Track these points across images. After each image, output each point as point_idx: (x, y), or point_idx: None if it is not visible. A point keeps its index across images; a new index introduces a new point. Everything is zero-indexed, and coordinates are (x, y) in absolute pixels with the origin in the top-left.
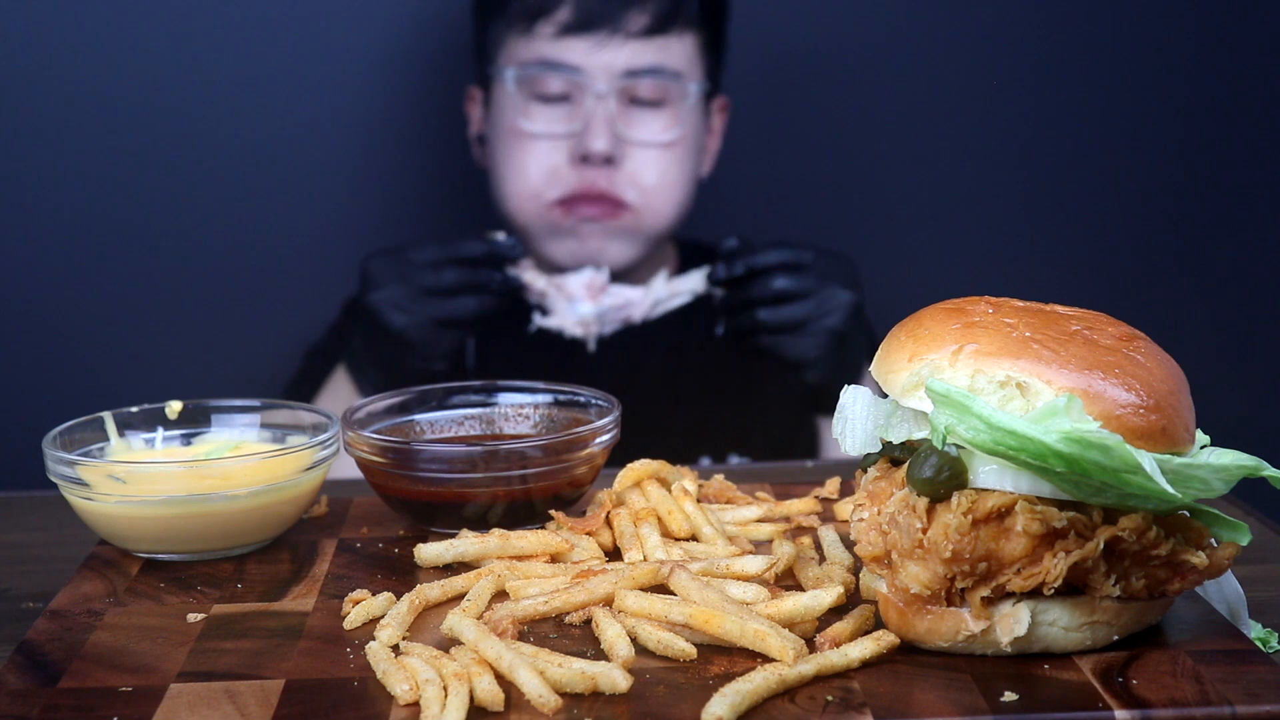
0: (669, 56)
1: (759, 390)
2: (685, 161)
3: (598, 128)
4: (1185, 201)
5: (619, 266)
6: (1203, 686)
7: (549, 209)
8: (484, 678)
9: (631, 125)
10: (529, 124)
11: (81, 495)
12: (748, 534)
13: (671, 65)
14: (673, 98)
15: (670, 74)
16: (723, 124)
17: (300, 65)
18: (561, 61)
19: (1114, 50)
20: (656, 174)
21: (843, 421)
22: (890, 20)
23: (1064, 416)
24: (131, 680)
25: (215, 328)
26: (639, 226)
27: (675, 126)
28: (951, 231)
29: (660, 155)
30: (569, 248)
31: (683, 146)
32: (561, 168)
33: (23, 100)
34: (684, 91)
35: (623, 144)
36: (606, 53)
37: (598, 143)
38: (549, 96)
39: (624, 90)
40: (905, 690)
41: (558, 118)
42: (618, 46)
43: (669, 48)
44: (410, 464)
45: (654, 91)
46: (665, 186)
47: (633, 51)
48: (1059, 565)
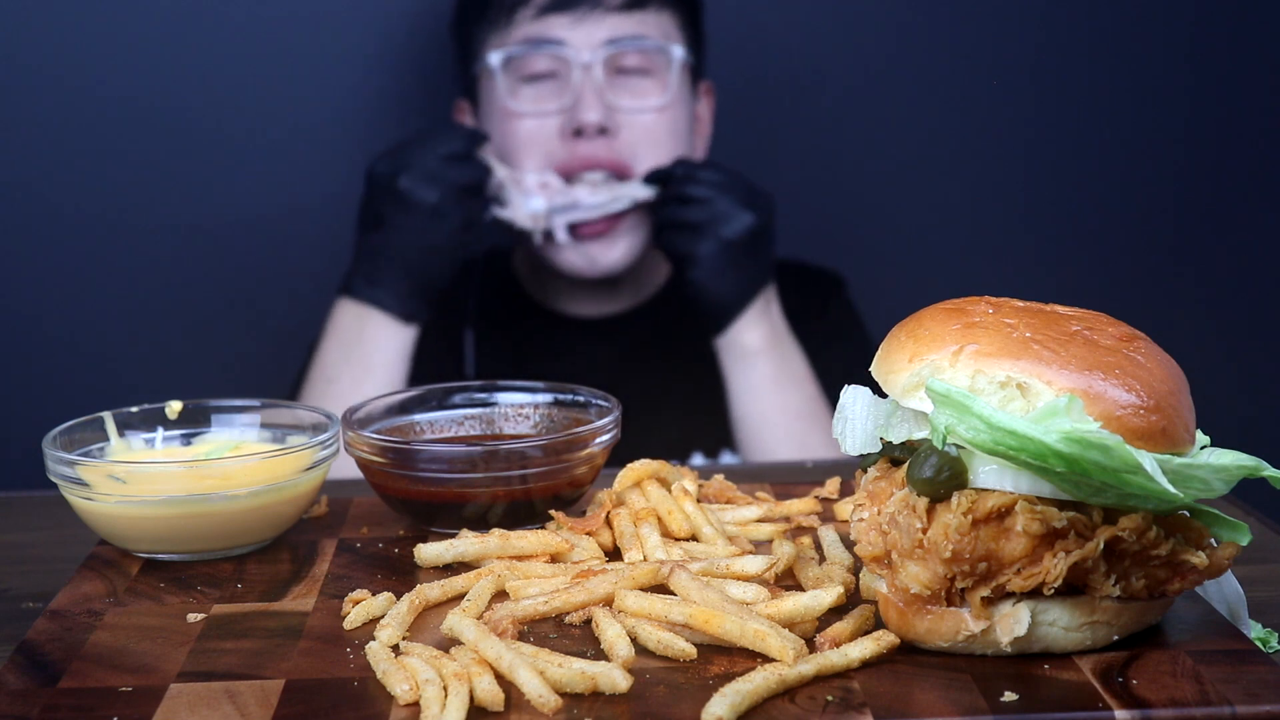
0: (648, 29)
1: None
2: (678, 129)
3: (588, 99)
4: (1185, 201)
5: (618, 268)
6: (1203, 686)
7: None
8: (484, 678)
9: (621, 95)
10: (519, 104)
11: (81, 495)
12: (748, 534)
13: (652, 35)
14: (658, 66)
15: (652, 42)
16: (710, 108)
17: (297, 65)
18: (544, 38)
19: (1113, 48)
20: (649, 133)
21: (843, 421)
22: (888, 9)
23: (1064, 417)
24: (131, 680)
25: (215, 328)
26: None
27: (664, 93)
28: (951, 231)
29: (656, 120)
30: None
31: (674, 112)
32: (554, 141)
33: (23, 101)
34: (668, 59)
35: (615, 113)
36: (587, 25)
37: (590, 114)
38: (536, 75)
39: (610, 60)
40: (905, 690)
41: (547, 95)
42: (598, 20)
43: (647, 21)
44: (410, 464)
45: (639, 60)
46: (660, 146)
47: (613, 25)
48: (1059, 565)
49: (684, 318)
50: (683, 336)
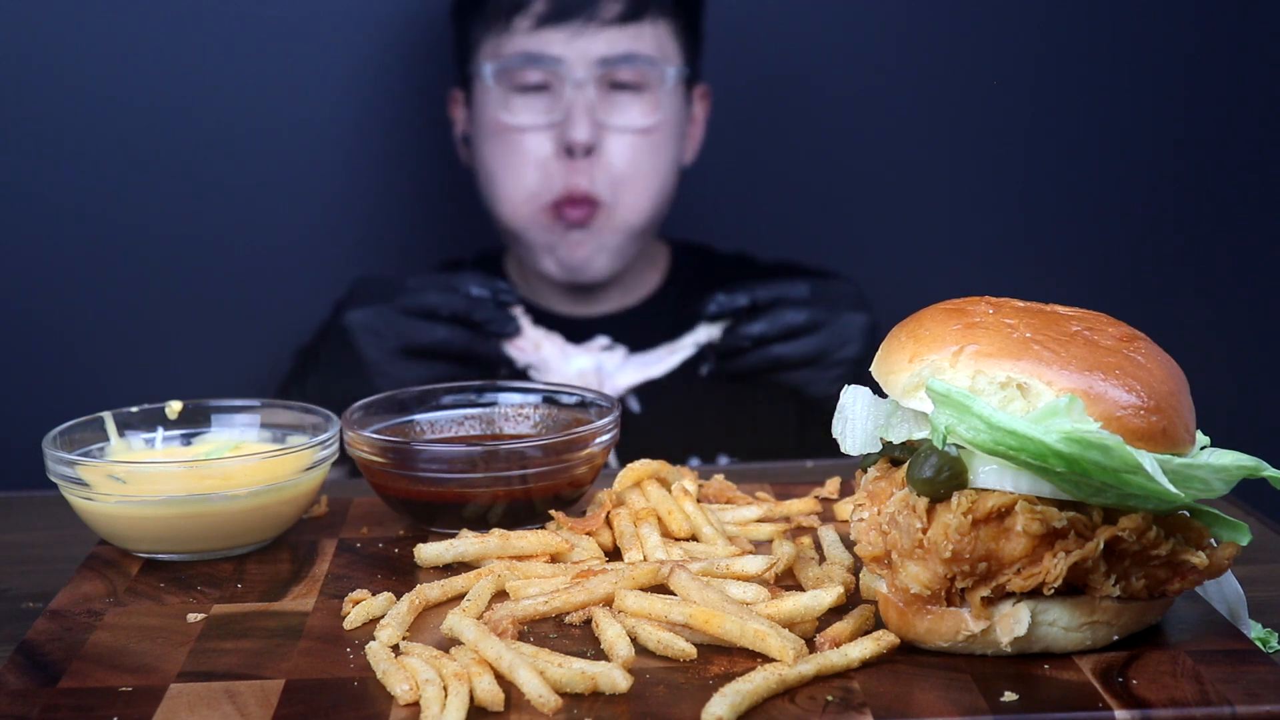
0: (644, 44)
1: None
2: (663, 148)
3: (578, 116)
4: (1185, 201)
5: (602, 277)
6: (1203, 686)
7: (540, 213)
8: (484, 678)
9: (611, 112)
10: (511, 117)
11: (81, 495)
12: (748, 534)
13: (647, 52)
14: (651, 83)
15: (646, 60)
16: (705, 112)
17: (290, 68)
18: (539, 53)
19: (1113, 48)
20: (628, 161)
21: (843, 421)
22: (886, 10)
23: (1064, 417)
24: (131, 680)
25: (215, 328)
26: (612, 225)
27: (655, 112)
28: (951, 231)
29: (636, 141)
30: (556, 259)
31: (661, 133)
32: (549, 162)
33: (23, 102)
34: (662, 76)
35: (602, 131)
36: (582, 41)
37: (579, 132)
38: (528, 87)
39: (603, 77)
40: (905, 690)
41: (539, 108)
42: (593, 35)
43: (643, 35)
44: (410, 464)
45: (633, 75)
46: (639, 176)
47: (608, 40)
48: (1059, 565)
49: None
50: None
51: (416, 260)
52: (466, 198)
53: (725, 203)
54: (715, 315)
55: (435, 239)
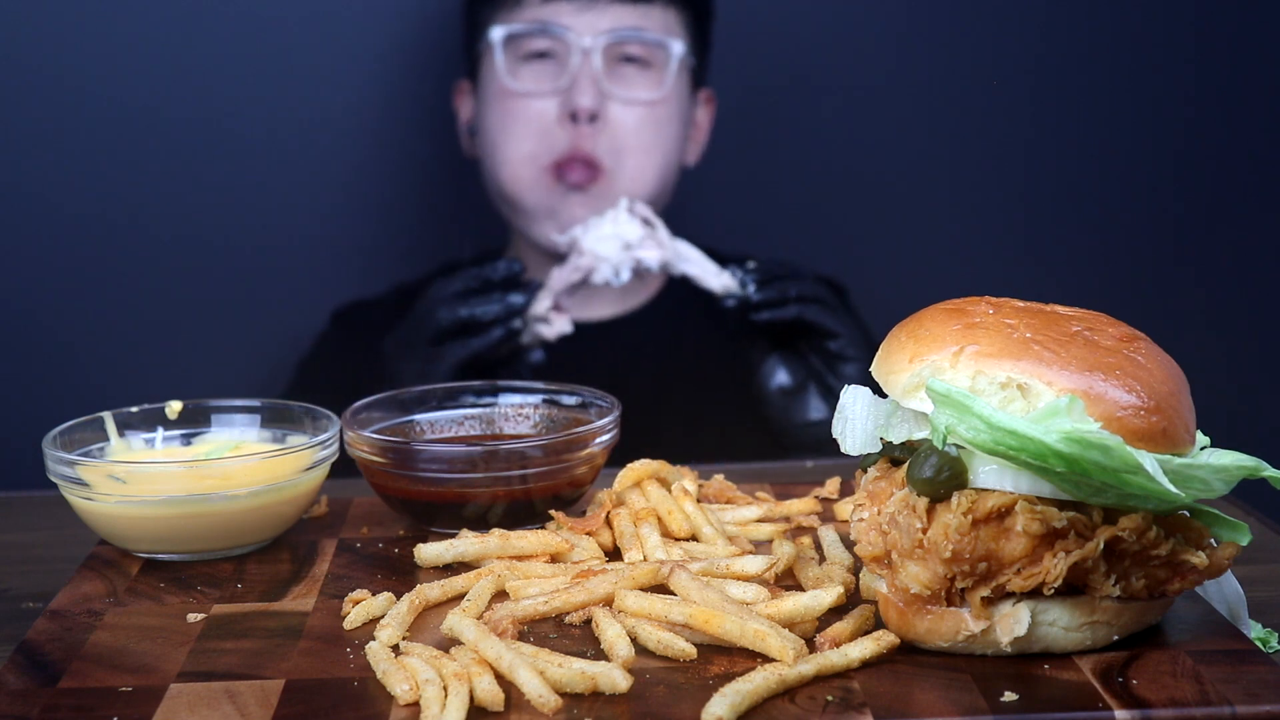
0: (651, 22)
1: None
2: (666, 124)
3: (584, 84)
4: (1185, 201)
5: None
6: (1203, 686)
7: (541, 174)
8: (484, 678)
9: (616, 83)
10: (517, 84)
11: (81, 495)
12: (748, 534)
13: (654, 30)
14: (657, 62)
15: (653, 37)
16: (710, 117)
17: (296, 69)
18: (549, 21)
19: (1113, 49)
20: (632, 131)
21: (843, 421)
22: (886, 14)
23: (1065, 417)
24: (131, 680)
25: (215, 328)
26: (613, 194)
27: (659, 87)
28: (951, 231)
29: (640, 113)
30: (558, 224)
31: (665, 108)
32: (551, 126)
33: (23, 102)
34: (667, 54)
35: (607, 100)
36: (591, 14)
37: (584, 99)
38: (536, 54)
39: (609, 49)
40: (905, 690)
41: (545, 75)
42: (602, 9)
43: (651, 15)
44: (410, 464)
45: (639, 51)
46: (641, 147)
47: (616, 15)
48: (1059, 565)
49: (679, 324)
50: (677, 342)
51: (417, 260)
52: (472, 196)
53: (728, 206)
54: (747, 272)
55: (436, 239)
